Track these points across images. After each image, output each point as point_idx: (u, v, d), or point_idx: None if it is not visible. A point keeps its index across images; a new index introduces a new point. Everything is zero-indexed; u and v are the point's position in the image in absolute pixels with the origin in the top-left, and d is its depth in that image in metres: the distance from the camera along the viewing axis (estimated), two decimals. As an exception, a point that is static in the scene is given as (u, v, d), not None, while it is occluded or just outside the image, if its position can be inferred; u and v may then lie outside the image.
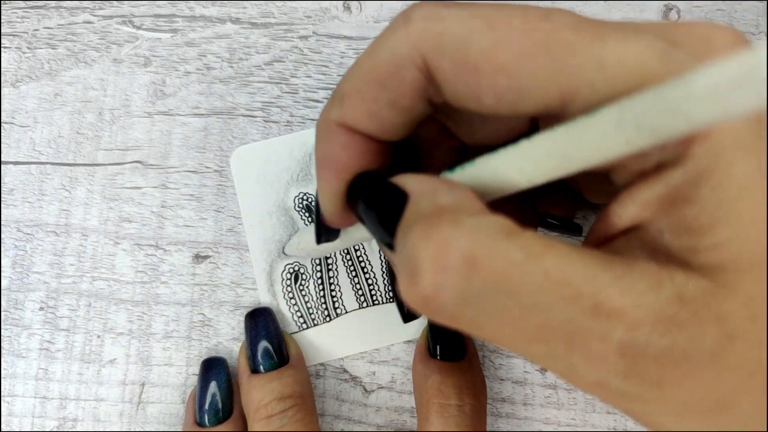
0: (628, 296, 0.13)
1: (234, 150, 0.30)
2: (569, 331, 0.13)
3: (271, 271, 0.30)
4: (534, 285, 0.13)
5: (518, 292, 0.13)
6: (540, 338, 0.13)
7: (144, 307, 0.30)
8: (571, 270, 0.13)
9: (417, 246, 0.14)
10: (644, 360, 0.13)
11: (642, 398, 0.13)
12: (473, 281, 0.13)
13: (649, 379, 0.13)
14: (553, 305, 0.13)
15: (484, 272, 0.13)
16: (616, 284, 0.13)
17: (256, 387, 0.26)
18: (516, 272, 0.13)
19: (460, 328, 0.14)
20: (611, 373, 0.13)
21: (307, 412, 0.26)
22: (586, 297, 0.13)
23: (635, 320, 0.13)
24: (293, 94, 0.31)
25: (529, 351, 0.14)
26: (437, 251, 0.13)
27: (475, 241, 0.13)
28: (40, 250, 0.30)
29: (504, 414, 0.29)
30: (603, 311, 0.13)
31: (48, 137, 0.31)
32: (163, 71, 0.31)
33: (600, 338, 0.13)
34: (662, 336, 0.13)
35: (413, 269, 0.14)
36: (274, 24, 0.31)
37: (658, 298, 0.13)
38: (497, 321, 0.13)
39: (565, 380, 0.15)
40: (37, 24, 0.32)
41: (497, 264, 0.13)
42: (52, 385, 0.29)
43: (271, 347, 0.27)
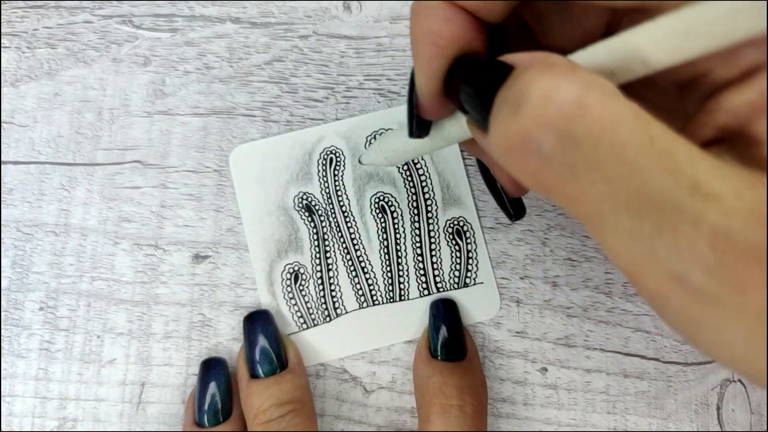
0: (726, 184, 0.12)
1: (233, 149, 0.30)
2: (663, 205, 0.12)
3: (270, 271, 0.30)
4: (638, 146, 0.12)
5: (621, 149, 0.12)
6: (630, 207, 0.13)
7: (144, 307, 0.30)
8: (677, 144, 0.12)
9: (528, 82, 0.13)
10: (733, 255, 0.12)
11: (719, 301, 0.12)
12: (580, 123, 0.12)
13: (733, 278, 0.12)
14: (653, 171, 0.12)
15: (591, 118, 0.12)
16: (714, 171, 0.12)
17: (255, 392, 0.26)
18: (623, 128, 0.12)
19: (545, 179, 0.13)
20: (696, 265, 0.12)
21: (305, 417, 0.26)
22: (686, 173, 0.12)
23: (732, 208, 0.12)
24: (293, 94, 0.31)
25: (612, 222, 0.13)
26: (550, 86, 0.13)
27: (588, 90, 0.12)
28: (39, 250, 0.30)
29: (504, 414, 0.29)
30: (701, 192, 0.12)
31: (47, 137, 0.31)
32: (162, 71, 0.31)
33: (693, 220, 0.12)
34: (756, 230, 0.12)
35: (519, 103, 0.13)
36: (274, 23, 0.31)
37: (754, 194, 0.12)
38: (592, 175, 0.13)
39: (634, 274, 0.13)
40: (36, 24, 0.31)
41: (606, 115, 0.12)
42: (52, 385, 0.29)
43: (270, 351, 0.27)
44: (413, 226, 0.30)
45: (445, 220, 0.30)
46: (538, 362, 0.29)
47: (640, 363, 0.29)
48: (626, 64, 0.14)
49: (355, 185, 0.30)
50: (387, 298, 0.30)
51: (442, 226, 0.30)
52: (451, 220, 0.30)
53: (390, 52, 0.31)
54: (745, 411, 0.29)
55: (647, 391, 0.29)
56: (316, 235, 0.30)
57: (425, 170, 0.30)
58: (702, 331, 0.13)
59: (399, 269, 0.30)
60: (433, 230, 0.30)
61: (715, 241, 0.12)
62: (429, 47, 0.17)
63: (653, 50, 0.14)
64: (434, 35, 0.17)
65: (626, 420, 0.29)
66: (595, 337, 0.30)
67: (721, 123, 0.14)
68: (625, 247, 0.13)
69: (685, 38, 0.13)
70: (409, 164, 0.30)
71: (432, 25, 0.17)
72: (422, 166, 0.30)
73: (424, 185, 0.30)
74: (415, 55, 0.18)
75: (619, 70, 0.14)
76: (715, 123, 0.15)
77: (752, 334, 0.13)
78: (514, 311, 0.30)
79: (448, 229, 0.30)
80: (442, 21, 0.17)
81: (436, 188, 0.30)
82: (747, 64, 0.14)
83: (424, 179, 0.30)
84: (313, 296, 0.30)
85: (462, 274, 0.30)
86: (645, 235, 0.13)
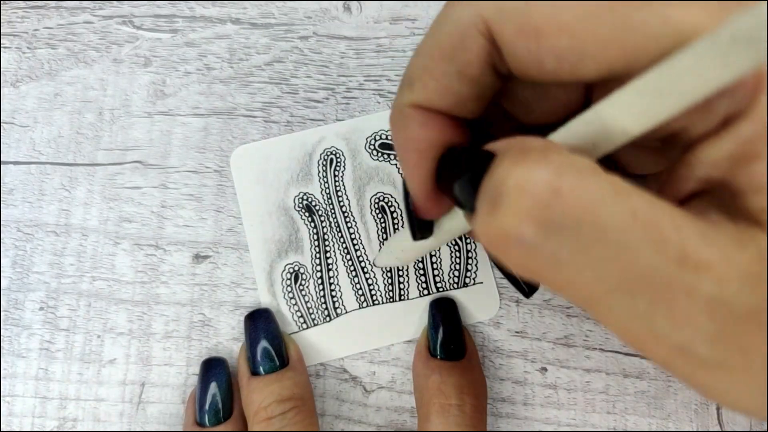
0: (716, 250, 0.12)
1: (234, 150, 0.30)
2: (654, 281, 0.12)
3: (271, 271, 0.30)
4: (621, 223, 0.12)
5: (603, 229, 0.12)
6: (622, 287, 0.12)
7: (144, 307, 0.30)
8: (660, 215, 0.12)
9: (502, 175, 0.13)
10: (732, 321, 0.12)
11: (725, 366, 0.12)
12: (557, 211, 0.12)
13: (735, 344, 0.12)
14: (639, 248, 0.12)
15: (569, 203, 0.12)
16: (702, 236, 0.12)
17: (256, 389, 0.26)
18: (603, 208, 0.12)
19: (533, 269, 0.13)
20: (698, 336, 0.12)
21: (307, 414, 0.26)
22: (673, 245, 0.12)
23: (724, 275, 0.12)
24: (293, 95, 0.31)
25: (606, 303, 0.13)
26: (523, 179, 0.13)
27: (562, 174, 0.12)
28: (40, 250, 0.30)
29: (504, 414, 0.29)
30: (691, 262, 0.12)
31: (48, 137, 0.31)
32: (163, 71, 0.31)
33: (687, 292, 0.12)
34: (751, 294, 0.12)
35: (496, 197, 0.13)
36: (274, 24, 0.31)
37: (744, 255, 0.12)
38: (578, 259, 0.13)
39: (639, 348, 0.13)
40: (37, 24, 0.32)
41: (584, 197, 0.12)
42: (52, 385, 0.29)
43: (271, 349, 0.27)
44: (413, 227, 0.30)
45: (445, 220, 0.30)
46: (537, 362, 0.29)
47: (640, 363, 0.29)
48: (606, 135, 0.14)
49: (355, 186, 0.30)
50: (387, 297, 0.30)
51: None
52: (450, 220, 0.30)
53: (390, 53, 0.31)
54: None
55: (647, 391, 0.29)
56: (317, 235, 0.30)
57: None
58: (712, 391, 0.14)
59: (399, 269, 0.30)
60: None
61: (712, 311, 0.12)
62: (412, 154, 0.18)
63: (628, 117, 0.14)
64: (414, 142, 0.18)
65: (626, 420, 0.29)
66: (595, 336, 0.30)
67: (702, 175, 0.14)
68: (623, 326, 0.13)
69: (656, 100, 0.13)
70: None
71: (411, 133, 0.18)
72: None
73: (423, 185, 0.30)
74: (401, 162, 0.19)
75: (599, 142, 0.15)
76: (697, 176, 0.14)
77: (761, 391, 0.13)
78: (513, 311, 0.30)
79: (447, 229, 0.30)
80: (418, 127, 0.18)
81: (435, 188, 0.30)
82: (722, 115, 0.14)
83: (424, 179, 0.30)
84: (313, 296, 0.30)
85: (462, 273, 0.30)
86: (641, 312, 0.13)
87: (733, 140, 0.13)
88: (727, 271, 0.12)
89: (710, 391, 0.14)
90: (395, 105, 0.18)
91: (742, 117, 0.13)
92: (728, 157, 0.14)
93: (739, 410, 0.14)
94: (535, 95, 0.19)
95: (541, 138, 0.15)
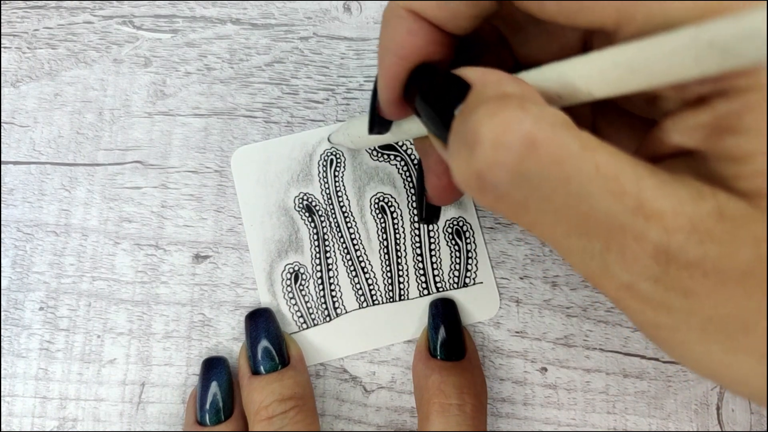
0: (669, 201, 0.13)
1: (234, 150, 0.30)
2: (609, 226, 0.13)
3: (271, 271, 0.30)
4: (584, 174, 0.13)
5: (568, 179, 0.13)
6: (580, 230, 0.14)
7: (144, 307, 0.30)
8: (621, 168, 0.13)
9: (480, 122, 0.14)
10: (676, 266, 0.13)
11: (668, 307, 0.14)
12: (530, 162, 0.13)
13: (678, 287, 0.13)
14: (598, 197, 0.13)
15: (541, 154, 0.13)
16: (659, 189, 0.13)
17: (257, 388, 0.26)
18: (570, 160, 0.13)
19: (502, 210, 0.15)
20: (643, 276, 0.13)
21: (307, 413, 0.26)
22: (630, 195, 0.13)
23: (673, 225, 0.13)
24: (293, 95, 0.31)
25: (566, 244, 0.14)
26: (500, 128, 0.13)
27: (538, 126, 0.13)
28: (40, 250, 0.30)
29: (504, 414, 0.29)
30: (644, 211, 0.13)
31: (48, 137, 0.31)
32: (163, 71, 0.31)
33: (637, 238, 0.13)
34: (697, 246, 0.13)
35: (472, 144, 0.14)
36: (275, 25, 0.31)
37: (698, 210, 0.13)
38: (543, 206, 0.14)
39: (594, 284, 0.15)
40: (37, 24, 0.32)
41: (555, 149, 0.13)
42: (52, 385, 0.29)
43: (271, 348, 0.27)
44: (413, 227, 0.30)
45: (445, 220, 0.30)
46: (537, 362, 0.30)
47: (640, 363, 0.29)
48: (572, 91, 0.15)
49: (355, 186, 0.30)
50: (387, 297, 0.30)
51: (442, 227, 0.30)
52: (450, 220, 0.30)
53: (390, 53, 0.31)
54: (744, 411, 0.30)
55: (647, 391, 0.29)
56: (317, 236, 0.30)
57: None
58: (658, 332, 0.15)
59: (399, 269, 0.30)
60: (432, 230, 0.30)
61: (657, 256, 0.13)
62: (391, 57, 0.18)
63: (597, 81, 0.14)
64: (396, 46, 0.18)
65: (626, 420, 0.29)
66: (595, 336, 0.30)
67: (676, 141, 0.15)
68: (580, 263, 0.15)
69: (626, 74, 0.14)
70: (409, 165, 0.30)
71: (396, 36, 0.18)
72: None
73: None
74: (379, 62, 0.19)
75: (565, 95, 0.15)
76: (672, 141, 0.15)
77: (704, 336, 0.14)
78: (513, 311, 0.30)
79: (447, 229, 0.30)
80: (405, 33, 0.18)
81: (435, 189, 0.30)
82: (700, 93, 0.14)
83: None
84: (313, 296, 0.30)
85: (461, 273, 0.30)
86: (595, 253, 0.14)
87: (709, 113, 0.14)
88: (676, 221, 0.13)
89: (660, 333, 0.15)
90: (390, 3, 0.18)
91: (719, 96, 0.14)
92: (702, 128, 0.14)
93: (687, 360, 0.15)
94: (536, 30, 0.19)
95: (517, 81, 0.15)
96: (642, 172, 0.13)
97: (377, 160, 0.30)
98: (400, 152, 0.30)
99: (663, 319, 0.14)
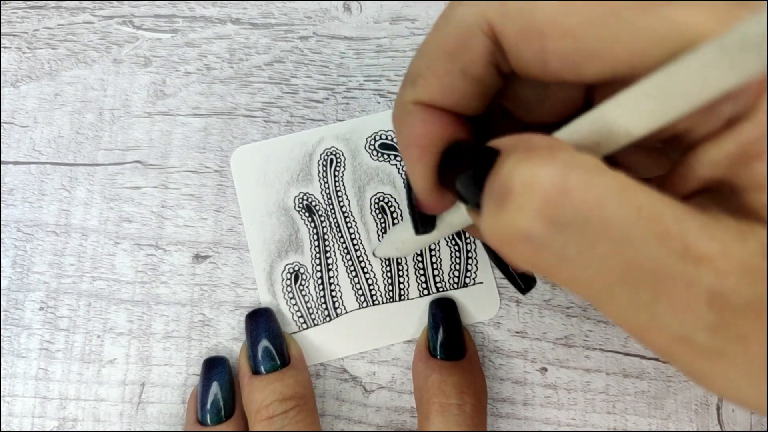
0: (716, 244, 0.13)
1: (234, 150, 0.30)
2: (657, 273, 0.13)
3: (271, 271, 0.30)
4: (626, 218, 0.12)
5: (609, 224, 0.12)
6: (625, 280, 0.13)
7: (144, 307, 0.30)
8: (663, 209, 0.13)
9: (508, 173, 0.13)
10: (731, 312, 0.12)
11: (724, 355, 0.13)
12: (564, 207, 0.13)
13: (734, 333, 0.13)
14: (643, 242, 0.12)
15: (576, 200, 0.13)
16: (703, 230, 0.13)
17: (258, 388, 0.26)
18: (608, 204, 0.12)
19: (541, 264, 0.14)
20: (698, 325, 0.13)
21: (308, 413, 0.26)
22: (676, 238, 0.12)
23: (724, 268, 0.12)
24: (293, 95, 0.31)
25: (610, 296, 0.13)
26: (529, 174, 0.13)
27: (569, 171, 0.13)
28: (40, 250, 0.30)
29: (504, 414, 0.29)
30: (692, 255, 0.12)
31: (48, 137, 0.31)
32: (163, 71, 0.31)
33: (688, 284, 0.12)
34: (749, 286, 0.12)
35: (503, 194, 0.13)
36: (275, 24, 0.31)
37: (745, 249, 0.13)
38: (584, 255, 0.13)
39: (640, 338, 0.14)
40: (37, 24, 0.32)
41: (590, 194, 0.13)
42: (52, 385, 0.29)
43: (272, 348, 0.27)
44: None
45: (445, 220, 0.30)
46: (537, 362, 0.29)
47: (640, 363, 0.29)
48: (609, 135, 0.14)
49: (355, 186, 0.30)
50: (387, 297, 0.30)
51: (442, 227, 0.30)
52: (450, 220, 0.30)
53: (390, 53, 0.31)
54: (745, 411, 0.29)
55: (647, 391, 0.29)
56: (317, 236, 0.30)
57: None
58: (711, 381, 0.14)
59: (399, 269, 0.30)
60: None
61: (711, 302, 0.12)
62: (414, 149, 0.18)
63: (633, 118, 0.14)
64: (417, 138, 0.18)
65: (626, 420, 0.29)
66: (595, 336, 0.30)
67: (703, 174, 0.15)
68: (626, 316, 0.14)
69: (663, 103, 0.13)
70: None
71: (413, 129, 0.18)
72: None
73: (423, 185, 0.30)
74: (405, 158, 0.19)
75: (603, 142, 0.15)
76: (698, 175, 0.15)
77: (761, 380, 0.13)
78: (513, 311, 0.30)
79: (447, 229, 0.30)
80: (421, 124, 0.18)
81: (435, 188, 0.30)
82: (725, 117, 0.14)
83: (424, 179, 0.30)
84: (313, 296, 0.30)
85: (462, 274, 0.30)
86: (643, 303, 0.13)
87: (734, 141, 0.14)
88: (727, 263, 0.12)
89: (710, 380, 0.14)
90: (398, 102, 0.18)
91: (744, 119, 0.13)
92: (729, 157, 0.14)
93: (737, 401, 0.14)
94: (537, 94, 0.19)
95: (545, 135, 0.15)
96: (683, 214, 0.13)
97: (377, 160, 0.30)
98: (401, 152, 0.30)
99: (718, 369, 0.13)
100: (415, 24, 0.31)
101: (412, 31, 0.31)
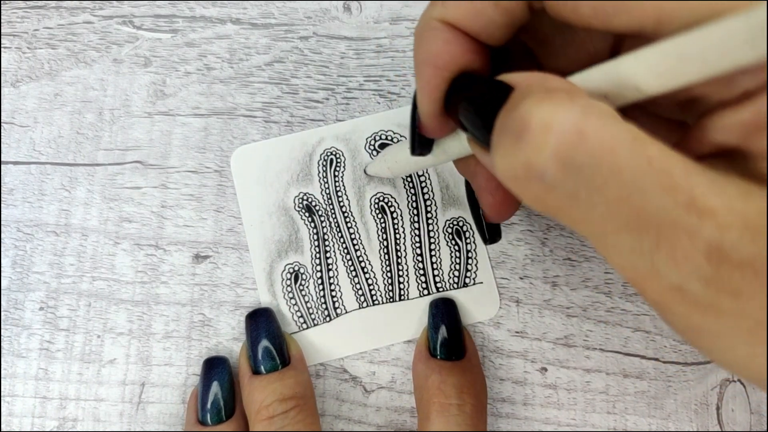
0: (721, 198, 0.13)
1: (234, 150, 0.30)
2: (661, 221, 0.13)
3: (271, 271, 0.30)
4: (636, 167, 0.13)
5: (620, 171, 0.13)
6: (630, 226, 0.13)
7: (144, 307, 0.30)
8: (673, 162, 0.13)
9: (528, 110, 0.13)
10: (728, 266, 0.13)
11: (718, 309, 0.13)
12: (580, 150, 0.13)
13: (729, 287, 0.13)
14: (651, 191, 0.13)
15: (591, 144, 0.13)
16: (710, 185, 0.13)
17: (258, 388, 0.26)
18: (622, 151, 0.13)
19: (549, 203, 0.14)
20: (693, 276, 0.13)
21: (308, 413, 0.26)
22: (682, 190, 0.13)
23: (726, 222, 0.13)
24: (293, 95, 0.31)
25: (614, 240, 0.14)
26: (549, 113, 0.13)
27: (587, 117, 0.13)
28: (40, 250, 0.30)
29: (504, 414, 0.29)
30: (696, 207, 0.13)
31: (48, 137, 0.31)
32: (163, 71, 0.31)
33: (690, 234, 0.13)
34: (749, 243, 0.12)
35: (520, 132, 0.13)
36: (275, 25, 0.31)
37: (749, 207, 0.13)
38: (594, 198, 0.13)
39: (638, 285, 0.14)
40: (37, 24, 0.32)
41: (606, 140, 0.13)
42: (52, 385, 0.29)
43: (272, 348, 0.27)
44: (413, 227, 0.30)
45: (445, 220, 0.30)
46: (537, 362, 0.29)
47: (640, 363, 0.29)
48: (619, 89, 0.15)
49: (355, 186, 0.30)
50: (387, 298, 0.30)
51: (442, 227, 0.30)
52: (450, 220, 0.30)
53: (390, 53, 0.31)
54: (744, 411, 0.29)
55: (647, 391, 0.29)
56: (316, 236, 0.30)
57: (424, 171, 0.31)
58: (703, 336, 0.14)
59: (399, 269, 0.30)
60: (432, 230, 0.30)
61: (710, 254, 0.13)
62: (429, 68, 0.18)
63: (646, 77, 0.14)
64: (434, 57, 0.18)
65: (626, 420, 0.29)
66: (595, 336, 0.30)
67: (716, 140, 0.15)
68: (627, 262, 0.14)
69: (677, 66, 0.13)
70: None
71: (432, 47, 0.18)
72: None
73: (423, 186, 0.30)
74: (417, 76, 0.19)
75: (612, 95, 0.15)
76: (711, 140, 0.15)
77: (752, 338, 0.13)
78: (513, 311, 0.30)
79: (447, 229, 0.30)
80: (442, 43, 0.18)
81: (435, 189, 0.30)
82: (744, 88, 0.14)
83: (424, 180, 0.30)
84: (313, 296, 0.30)
85: (462, 273, 0.30)
86: (645, 251, 0.13)
87: (749, 111, 0.14)
88: (730, 218, 0.13)
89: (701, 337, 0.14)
90: (423, 17, 0.18)
91: (761, 92, 0.14)
92: (744, 126, 0.14)
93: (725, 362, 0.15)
94: (563, 38, 0.19)
95: (561, 78, 0.15)
96: (692, 169, 0.13)
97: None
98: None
99: (710, 322, 0.14)
100: (415, 24, 0.31)
101: (412, 31, 0.31)
